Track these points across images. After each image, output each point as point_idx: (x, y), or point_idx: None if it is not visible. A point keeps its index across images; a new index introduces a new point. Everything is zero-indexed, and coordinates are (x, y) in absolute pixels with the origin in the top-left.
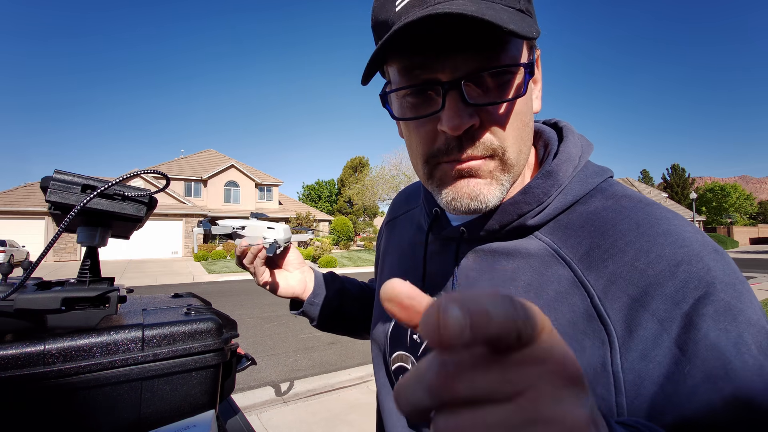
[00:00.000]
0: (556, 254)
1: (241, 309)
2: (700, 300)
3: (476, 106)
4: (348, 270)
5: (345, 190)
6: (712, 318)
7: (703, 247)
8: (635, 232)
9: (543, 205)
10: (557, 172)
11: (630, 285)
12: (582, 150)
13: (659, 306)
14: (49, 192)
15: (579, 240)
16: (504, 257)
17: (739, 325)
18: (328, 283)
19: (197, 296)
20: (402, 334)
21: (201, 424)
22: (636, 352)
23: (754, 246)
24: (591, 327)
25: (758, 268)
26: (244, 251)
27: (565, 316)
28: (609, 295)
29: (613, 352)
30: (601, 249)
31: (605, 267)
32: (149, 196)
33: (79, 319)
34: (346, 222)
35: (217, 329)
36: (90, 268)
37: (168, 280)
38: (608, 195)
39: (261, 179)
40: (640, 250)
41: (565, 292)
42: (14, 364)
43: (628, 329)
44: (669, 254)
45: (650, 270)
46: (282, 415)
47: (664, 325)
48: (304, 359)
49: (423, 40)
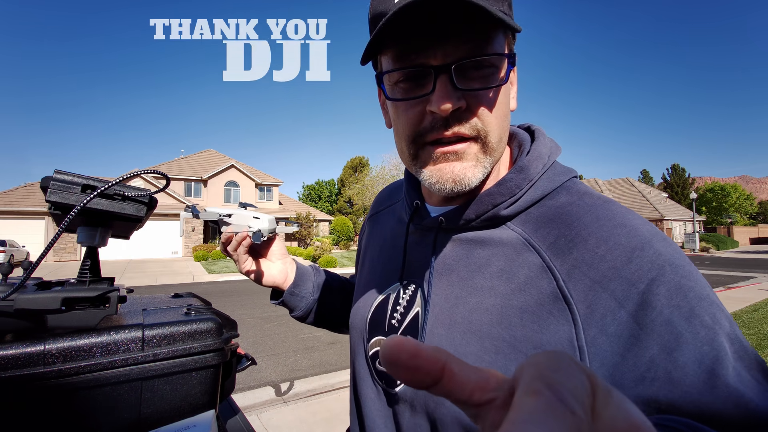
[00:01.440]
0: (527, 243)
1: (241, 309)
2: (653, 281)
3: (464, 91)
4: (348, 270)
5: (345, 190)
6: (665, 296)
7: (653, 236)
8: (596, 224)
9: (515, 197)
10: (528, 168)
11: (591, 269)
12: (551, 150)
13: (617, 287)
14: (50, 192)
15: (548, 231)
16: (479, 245)
17: (690, 301)
18: (310, 275)
19: (197, 296)
20: (380, 320)
21: (201, 424)
22: (597, 328)
23: (754, 246)
24: (557, 307)
25: (758, 268)
26: (228, 238)
27: (534, 297)
28: (572, 278)
29: (577, 329)
30: (566, 238)
31: (570, 254)
32: (149, 196)
33: (79, 319)
34: (346, 222)
35: (217, 329)
36: (90, 268)
37: (168, 280)
38: (573, 192)
39: (261, 179)
40: (600, 239)
41: (534, 277)
42: (14, 364)
43: (589, 308)
44: (625, 242)
45: (609, 256)
46: (282, 415)
47: (623, 304)
48: (304, 359)
49: (419, 25)
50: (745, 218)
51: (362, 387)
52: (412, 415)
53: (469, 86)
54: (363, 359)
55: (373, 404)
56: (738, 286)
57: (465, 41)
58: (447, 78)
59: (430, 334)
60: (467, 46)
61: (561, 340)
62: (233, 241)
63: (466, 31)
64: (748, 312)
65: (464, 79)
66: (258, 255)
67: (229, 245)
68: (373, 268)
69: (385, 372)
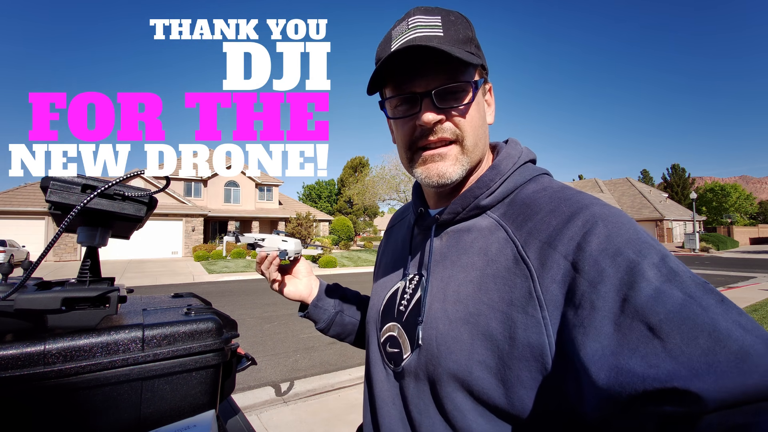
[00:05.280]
0: (498, 224)
1: (241, 309)
2: (587, 233)
3: (442, 108)
4: (348, 270)
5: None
6: (596, 243)
7: (592, 203)
8: (548, 202)
9: (491, 190)
10: (500, 165)
11: (541, 233)
12: (521, 153)
13: (560, 243)
14: (50, 192)
15: (514, 212)
16: (465, 233)
17: (617, 244)
18: (332, 290)
19: (197, 296)
20: (391, 308)
21: (201, 424)
22: (549, 278)
23: (754, 246)
24: (519, 268)
25: (758, 268)
26: (262, 258)
27: (502, 264)
28: (528, 243)
29: (533, 282)
30: (525, 215)
31: (526, 225)
32: (149, 196)
33: (80, 319)
34: (346, 222)
35: (217, 329)
36: (90, 268)
37: (168, 280)
38: (539, 183)
39: (261, 179)
40: (549, 210)
41: (501, 248)
42: (14, 364)
43: (542, 265)
44: (566, 209)
45: (554, 221)
46: (282, 415)
47: (565, 255)
48: (304, 359)
49: (406, 65)
50: (745, 218)
51: (374, 371)
52: (416, 383)
53: (446, 105)
54: (376, 345)
55: (383, 385)
56: (738, 286)
57: (440, 73)
58: (429, 100)
59: (429, 309)
60: (442, 77)
61: (524, 293)
62: (266, 261)
63: (439, 67)
64: (748, 312)
65: (442, 100)
66: (286, 273)
67: (262, 264)
68: (386, 269)
69: (394, 353)
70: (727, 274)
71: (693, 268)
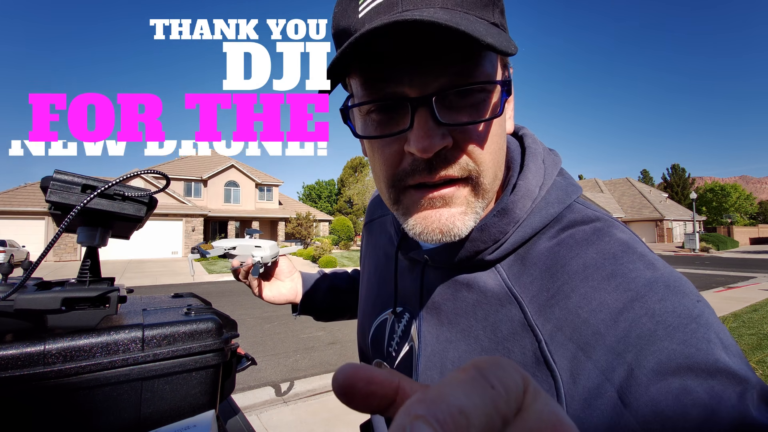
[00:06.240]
0: (509, 292)
1: (241, 309)
2: (641, 350)
3: (449, 126)
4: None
5: (345, 190)
6: (654, 370)
7: (650, 288)
8: (581, 275)
9: (499, 243)
10: (513, 210)
11: (575, 333)
12: (544, 176)
13: (601, 356)
14: (49, 192)
15: (531, 279)
16: (465, 288)
17: (683, 375)
18: (318, 284)
19: (197, 296)
20: (380, 342)
21: (201, 424)
22: (580, 400)
23: (754, 246)
24: (539, 371)
25: (758, 268)
26: (237, 270)
27: (517, 357)
28: (555, 341)
29: (559, 399)
30: (549, 292)
31: (552, 312)
32: (149, 196)
33: (79, 319)
34: (346, 222)
35: (217, 329)
36: (90, 268)
37: (168, 280)
38: (565, 225)
39: (261, 179)
40: (584, 296)
41: (517, 334)
42: (14, 364)
43: (572, 377)
44: (611, 301)
45: (592, 319)
46: (282, 415)
47: (607, 375)
48: (304, 359)
49: (388, 50)
50: (745, 218)
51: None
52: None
53: (455, 120)
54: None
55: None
56: (738, 286)
57: (447, 67)
58: (427, 112)
59: (423, 376)
60: (450, 72)
61: None
62: (241, 270)
63: (448, 55)
64: (748, 312)
65: (449, 111)
66: (268, 277)
67: (239, 275)
68: (371, 286)
69: None
70: (727, 274)
71: (693, 268)
